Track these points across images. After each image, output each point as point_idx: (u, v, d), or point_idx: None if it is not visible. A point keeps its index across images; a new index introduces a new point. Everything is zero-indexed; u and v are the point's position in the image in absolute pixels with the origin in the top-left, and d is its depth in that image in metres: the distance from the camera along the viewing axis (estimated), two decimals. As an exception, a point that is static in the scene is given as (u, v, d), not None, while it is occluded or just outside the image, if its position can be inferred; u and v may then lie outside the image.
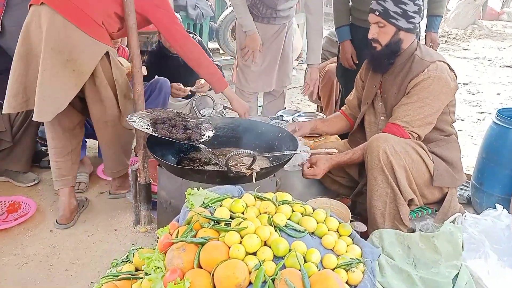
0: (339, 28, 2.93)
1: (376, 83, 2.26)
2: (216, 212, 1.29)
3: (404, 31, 2.08)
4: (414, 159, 2.03)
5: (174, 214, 1.91)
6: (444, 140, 2.17)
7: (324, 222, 1.39)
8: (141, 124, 2.07)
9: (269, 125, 2.46)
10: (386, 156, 1.94)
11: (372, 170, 2.00)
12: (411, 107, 2.04)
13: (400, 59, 2.14)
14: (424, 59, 2.08)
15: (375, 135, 2.05)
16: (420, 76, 2.03)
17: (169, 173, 1.94)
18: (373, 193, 2.03)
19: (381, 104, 2.26)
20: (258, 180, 1.84)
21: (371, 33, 2.13)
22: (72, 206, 2.46)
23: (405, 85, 2.09)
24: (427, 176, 2.08)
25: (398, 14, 2.04)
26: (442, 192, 2.17)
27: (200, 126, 2.18)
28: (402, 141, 2.02)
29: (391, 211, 2.03)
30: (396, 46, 2.10)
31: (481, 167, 2.63)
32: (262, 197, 1.41)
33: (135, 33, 2.18)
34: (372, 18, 2.11)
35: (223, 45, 5.33)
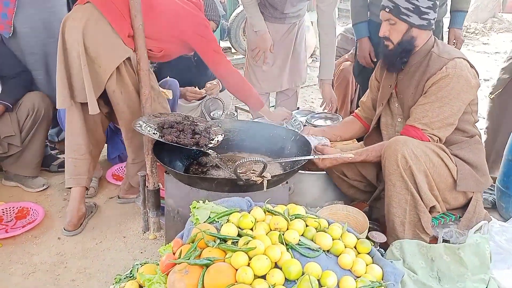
0: (357, 25, 2.82)
1: (391, 83, 2.14)
2: (223, 228, 1.19)
3: (417, 28, 1.95)
4: (435, 163, 1.90)
5: (182, 223, 1.84)
6: (467, 142, 2.03)
7: (340, 238, 1.28)
8: (148, 129, 2.00)
9: (281, 128, 2.36)
10: (405, 160, 1.83)
11: (390, 175, 1.88)
12: (429, 108, 1.92)
13: (415, 58, 2.02)
14: (442, 56, 1.95)
15: (392, 138, 1.93)
16: (438, 75, 1.91)
17: (177, 180, 1.86)
18: (391, 200, 1.91)
19: (397, 105, 2.15)
20: (269, 187, 1.75)
21: (382, 31, 2.02)
22: (81, 212, 2.40)
23: (422, 85, 1.97)
24: (450, 181, 1.96)
25: (409, 10, 1.92)
26: (466, 197, 2.04)
27: (209, 130, 2.09)
28: (421, 144, 1.90)
29: (411, 219, 1.91)
30: (409, 44, 1.98)
31: (507, 170, 2.48)
32: (272, 211, 1.30)
33: (142, 35, 2.10)
34: (383, 15, 2.00)
35: (235, 44, 5.24)
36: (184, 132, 2.00)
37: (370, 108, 2.38)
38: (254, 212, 1.28)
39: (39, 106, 2.66)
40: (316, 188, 2.48)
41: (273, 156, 2.21)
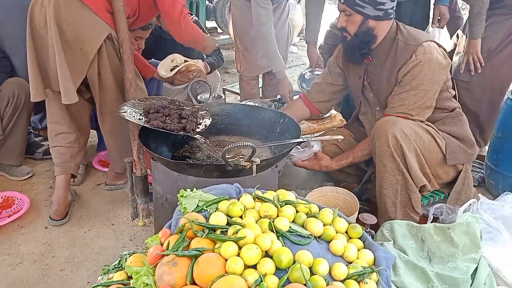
0: None
1: (360, 74, 2.12)
2: (212, 217, 1.16)
3: (372, 19, 1.91)
4: (425, 140, 1.91)
5: (171, 209, 1.80)
6: (450, 116, 2.05)
7: (331, 223, 1.27)
8: (133, 115, 1.94)
9: (269, 110, 2.31)
10: (396, 140, 1.82)
11: (381, 157, 1.87)
12: (405, 96, 1.91)
13: (381, 48, 1.99)
14: (409, 43, 1.92)
15: (381, 119, 1.92)
16: (409, 64, 1.89)
17: (164, 167, 1.82)
18: (383, 182, 1.91)
19: (372, 95, 2.14)
20: (259, 172, 1.71)
21: (339, 22, 1.99)
22: (67, 200, 2.36)
23: (395, 75, 1.96)
24: (440, 156, 1.97)
25: (364, 1, 1.87)
26: (457, 170, 2.07)
27: (196, 114, 2.04)
28: (410, 122, 1.90)
29: (402, 199, 1.92)
30: (366, 35, 1.94)
31: (496, 148, 2.48)
32: (262, 198, 1.28)
33: (123, 16, 2.02)
34: (340, 6, 1.96)
35: (221, 24, 5.13)
36: (170, 116, 1.95)
37: (323, 92, 2.34)
38: (244, 199, 1.25)
39: (19, 93, 2.57)
40: (305, 170, 2.46)
41: (262, 139, 2.17)
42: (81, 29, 2.03)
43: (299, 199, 1.35)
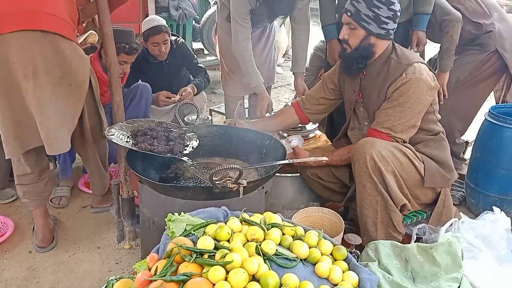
0: (326, 27, 2.85)
1: (354, 88, 2.18)
2: (199, 242, 1.18)
3: (374, 36, 1.99)
4: (402, 162, 1.96)
5: (158, 232, 1.80)
6: (433, 140, 2.10)
7: (317, 245, 1.29)
8: (121, 137, 1.96)
9: (255, 132, 2.35)
10: (374, 162, 1.87)
11: (361, 177, 1.92)
12: (391, 112, 1.97)
13: (376, 64, 2.06)
14: (401, 62, 2.00)
15: (360, 140, 1.97)
16: (399, 81, 1.96)
17: (151, 189, 1.83)
18: (363, 201, 1.95)
19: (363, 109, 2.20)
20: (246, 193, 1.74)
21: (342, 34, 2.05)
22: (50, 226, 2.31)
23: (385, 91, 2.02)
24: (418, 178, 2.02)
25: (370, 18, 1.95)
26: (435, 192, 2.11)
27: (184, 136, 2.07)
28: (388, 144, 1.95)
29: (383, 219, 1.96)
30: (366, 50, 2.01)
31: (475, 167, 2.56)
32: (249, 221, 1.30)
33: (111, 41, 2.06)
34: (345, 19, 2.02)
35: (208, 46, 5.20)
36: (158, 139, 1.97)
37: (315, 104, 2.39)
38: (231, 223, 1.27)
39: None
40: (291, 190, 2.49)
41: (249, 160, 2.21)
42: (66, 63, 1.90)
43: (285, 221, 1.37)
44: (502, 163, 2.41)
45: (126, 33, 2.69)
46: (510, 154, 2.39)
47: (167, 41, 3.13)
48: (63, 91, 1.92)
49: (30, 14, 1.83)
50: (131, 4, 3.95)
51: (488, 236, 1.96)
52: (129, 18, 3.90)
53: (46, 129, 1.91)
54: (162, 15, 4.16)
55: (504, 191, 2.44)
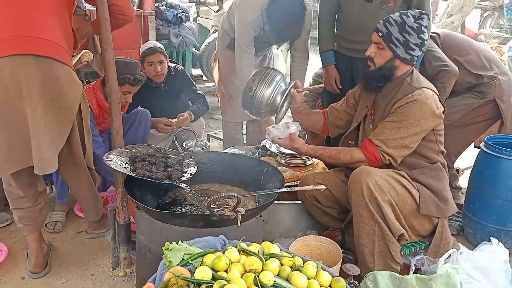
0: (324, 53, 2.92)
1: (368, 104, 2.21)
2: (197, 272, 1.17)
3: (400, 59, 2.03)
4: (398, 191, 1.97)
5: (154, 260, 1.79)
6: (428, 168, 2.10)
7: (315, 277, 1.28)
8: (119, 163, 1.96)
9: (254, 159, 2.37)
10: (370, 191, 1.88)
11: (357, 207, 1.92)
12: (388, 126, 2.00)
13: (391, 85, 2.10)
14: (412, 85, 2.04)
15: (356, 169, 1.98)
16: (404, 100, 1.99)
17: (148, 216, 1.82)
18: (360, 231, 1.95)
19: (371, 126, 2.19)
20: (243, 221, 1.73)
21: (369, 51, 2.09)
22: (44, 251, 2.28)
23: (390, 108, 2.05)
24: (414, 206, 2.02)
25: (399, 42, 2.00)
26: (432, 223, 2.10)
27: (182, 163, 2.08)
28: (384, 173, 1.96)
29: (380, 249, 1.95)
30: (389, 71, 2.05)
31: (472, 197, 2.56)
32: (247, 251, 1.29)
33: (113, 67, 2.08)
34: (374, 37, 2.07)
35: (207, 72, 5.27)
36: (156, 165, 1.98)
37: (337, 117, 2.40)
38: (229, 253, 1.26)
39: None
40: (289, 218, 2.48)
41: (247, 187, 2.20)
42: (58, 86, 1.93)
43: (284, 251, 1.37)
44: (499, 194, 2.42)
45: (131, 64, 2.76)
46: (507, 184, 2.40)
47: (163, 61, 3.18)
48: (53, 112, 1.94)
49: (24, 39, 1.89)
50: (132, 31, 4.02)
51: (486, 267, 1.95)
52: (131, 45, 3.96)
53: (35, 149, 1.93)
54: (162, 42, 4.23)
55: (501, 221, 2.44)
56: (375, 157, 2.01)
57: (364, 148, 2.04)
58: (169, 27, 4.67)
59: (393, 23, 2.00)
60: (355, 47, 2.73)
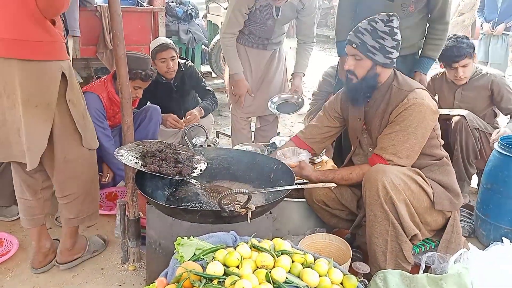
0: (340, 42, 2.90)
1: (359, 116, 2.20)
2: (209, 267, 1.17)
3: (380, 66, 2.02)
4: (413, 190, 1.96)
5: (164, 255, 1.80)
6: (436, 165, 2.10)
7: (327, 274, 1.28)
8: (130, 158, 1.97)
9: (264, 156, 2.36)
10: (386, 191, 1.86)
11: (371, 206, 1.91)
12: (394, 137, 1.98)
13: (379, 92, 2.09)
14: (402, 89, 2.03)
15: (372, 168, 1.97)
16: (401, 106, 1.98)
17: (159, 211, 1.83)
18: (373, 230, 1.94)
19: (366, 136, 2.21)
20: (253, 218, 1.73)
21: (347, 65, 2.08)
22: (44, 249, 2.21)
23: (387, 116, 2.04)
24: (428, 203, 2.01)
25: (375, 49, 1.99)
26: (445, 217, 2.10)
27: (192, 159, 2.08)
28: (400, 172, 1.94)
29: (393, 249, 1.94)
30: (372, 80, 2.05)
31: (486, 198, 2.53)
32: (258, 247, 1.29)
33: (124, 63, 2.09)
34: (349, 50, 2.06)
35: (216, 69, 5.28)
36: (166, 161, 1.98)
37: (318, 133, 2.36)
38: (240, 249, 1.27)
39: None
40: (298, 215, 2.48)
41: (256, 184, 2.20)
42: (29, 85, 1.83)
43: (295, 248, 1.36)
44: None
45: (143, 60, 2.77)
46: (522, 186, 2.36)
47: (175, 57, 3.19)
48: (30, 112, 1.86)
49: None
50: (142, 27, 4.06)
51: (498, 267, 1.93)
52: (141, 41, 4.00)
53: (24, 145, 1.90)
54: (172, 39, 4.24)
55: (516, 223, 2.41)
56: None
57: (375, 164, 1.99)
58: (179, 24, 4.68)
59: (364, 32, 2.00)
60: None
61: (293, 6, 2.92)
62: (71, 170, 2.08)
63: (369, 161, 2.08)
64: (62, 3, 1.84)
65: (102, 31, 3.81)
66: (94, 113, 2.66)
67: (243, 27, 3.00)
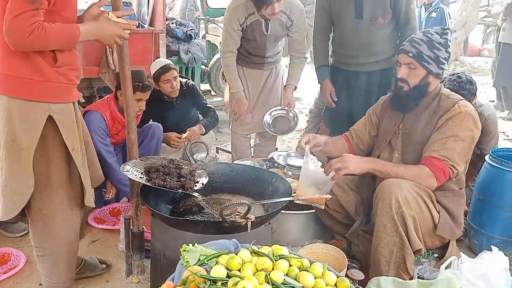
0: (319, 68, 3.09)
1: (396, 121, 2.25)
2: (213, 270, 1.27)
3: (433, 75, 2.11)
4: (422, 209, 2.02)
5: (168, 266, 1.88)
6: (452, 192, 2.14)
7: (322, 276, 1.38)
8: (135, 174, 2.06)
9: (262, 170, 2.46)
10: (398, 205, 1.92)
11: (382, 216, 1.97)
12: (446, 141, 2.01)
13: (425, 99, 2.16)
14: (451, 97, 2.12)
15: (387, 180, 2.01)
16: (452, 112, 2.05)
17: (163, 223, 1.92)
18: (380, 240, 2.00)
19: (398, 141, 2.24)
20: (253, 228, 1.82)
21: (400, 73, 2.14)
22: None
23: (435, 121, 2.09)
24: (431, 226, 2.08)
25: (431, 59, 2.08)
26: (442, 241, 2.17)
27: (194, 173, 2.17)
28: (413, 188, 1.98)
29: (397, 259, 2.00)
30: (423, 88, 2.12)
31: (478, 209, 2.61)
32: (258, 252, 1.39)
33: (129, 83, 2.20)
34: (404, 59, 2.13)
35: (215, 87, 5.42)
36: (170, 175, 2.07)
37: (361, 138, 2.42)
38: (242, 253, 1.37)
39: None
40: (296, 228, 2.57)
41: (255, 197, 2.29)
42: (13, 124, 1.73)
43: (292, 253, 1.46)
44: (506, 206, 2.47)
45: (138, 73, 2.90)
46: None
47: (177, 77, 3.33)
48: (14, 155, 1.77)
49: None
50: (144, 48, 4.20)
51: (487, 275, 2.01)
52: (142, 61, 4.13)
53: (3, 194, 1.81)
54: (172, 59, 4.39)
55: (508, 233, 2.50)
56: (443, 172, 1.99)
57: (431, 165, 2.00)
58: (179, 44, 4.84)
59: (421, 42, 2.08)
60: (350, 61, 2.89)
61: (282, 22, 3.05)
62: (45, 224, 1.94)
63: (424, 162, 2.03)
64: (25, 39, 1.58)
65: (105, 52, 3.95)
66: (98, 131, 2.78)
67: (240, 47, 3.13)
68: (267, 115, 3.28)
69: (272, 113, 3.30)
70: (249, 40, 3.09)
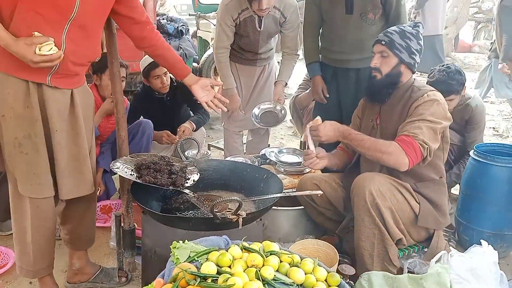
0: (310, 65, 3.08)
1: (373, 117, 2.29)
2: (203, 267, 1.26)
3: (405, 64, 2.15)
4: (399, 199, 2.05)
5: (159, 262, 1.87)
6: (433, 182, 2.18)
7: (312, 272, 1.38)
8: (125, 171, 2.05)
9: (253, 166, 2.46)
10: (372, 197, 1.96)
11: (359, 211, 2.01)
12: (416, 122, 2.04)
13: (398, 92, 2.19)
14: (423, 88, 2.15)
15: (360, 175, 2.07)
16: (421, 99, 2.08)
17: (154, 220, 1.91)
18: (360, 234, 2.03)
19: (377, 135, 2.25)
20: (244, 225, 1.82)
21: (373, 62, 2.20)
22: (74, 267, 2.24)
23: (406, 110, 2.13)
24: (412, 216, 2.10)
25: (402, 47, 2.13)
26: (429, 232, 2.19)
27: (185, 170, 2.16)
28: (387, 181, 2.03)
29: (379, 252, 2.03)
30: (395, 77, 2.16)
31: (466, 204, 2.63)
32: (249, 249, 1.39)
33: (119, 80, 2.20)
34: (377, 48, 2.19)
35: (207, 83, 5.41)
36: (161, 172, 2.05)
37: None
38: (232, 250, 1.36)
39: None
40: (288, 224, 2.58)
41: (247, 193, 2.29)
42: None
43: (283, 249, 1.46)
44: (494, 201, 2.50)
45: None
46: (501, 191, 2.48)
47: (167, 72, 3.30)
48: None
49: None
50: (135, 44, 4.14)
51: (476, 268, 2.03)
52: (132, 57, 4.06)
53: None
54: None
55: (497, 226, 2.52)
56: (413, 148, 1.99)
57: (400, 140, 2.01)
58: (170, 40, 4.81)
59: (394, 32, 2.15)
60: (339, 57, 2.88)
61: (276, 18, 3.04)
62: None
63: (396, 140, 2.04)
64: None
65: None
66: None
67: (232, 43, 3.13)
68: (255, 109, 3.28)
69: (261, 107, 3.29)
70: (242, 36, 3.08)
